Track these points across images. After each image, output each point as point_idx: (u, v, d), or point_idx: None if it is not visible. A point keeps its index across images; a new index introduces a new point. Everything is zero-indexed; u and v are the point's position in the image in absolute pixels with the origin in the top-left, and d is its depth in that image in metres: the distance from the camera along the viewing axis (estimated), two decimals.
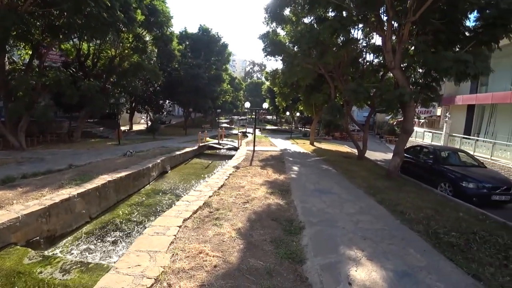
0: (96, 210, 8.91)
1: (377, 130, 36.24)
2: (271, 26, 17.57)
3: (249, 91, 67.73)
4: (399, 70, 8.92)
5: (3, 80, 14.27)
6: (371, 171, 11.45)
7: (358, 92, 9.30)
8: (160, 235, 5.16)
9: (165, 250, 4.51)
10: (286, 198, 7.32)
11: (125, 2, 13.89)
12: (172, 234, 5.17)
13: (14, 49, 16.99)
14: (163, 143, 21.62)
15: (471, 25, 8.89)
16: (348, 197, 7.26)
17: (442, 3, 8.18)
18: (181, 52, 33.57)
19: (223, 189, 8.42)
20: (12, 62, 17.18)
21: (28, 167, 11.23)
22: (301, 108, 26.48)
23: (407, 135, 9.82)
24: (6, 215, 6.15)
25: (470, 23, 9.08)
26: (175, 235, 5.14)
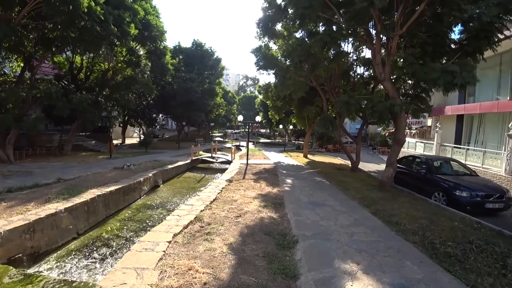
0: (84, 226, 8.60)
1: (369, 142, 36.60)
2: (263, 41, 17.94)
3: (242, 105, 68.24)
4: (389, 82, 9.08)
5: None
6: (365, 182, 11.42)
7: (350, 104, 9.41)
8: (148, 251, 4.95)
9: (153, 267, 4.31)
10: (280, 211, 7.18)
11: (118, 16, 13.99)
12: (161, 250, 4.97)
13: (6, 61, 16.85)
14: (156, 156, 21.35)
15: (456, 37, 9.21)
16: (342, 209, 7.16)
17: (427, 17, 8.45)
18: (175, 66, 33.79)
19: (215, 203, 8.24)
20: (3, 74, 16.99)
21: (14, 181, 10.88)
22: (294, 121, 26.67)
23: (399, 145, 9.89)
24: None
25: (455, 36, 9.41)
26: (164, 251, 4.94)
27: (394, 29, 8.45)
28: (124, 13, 14.64)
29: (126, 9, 15.23)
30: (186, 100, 30.94)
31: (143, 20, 17.79)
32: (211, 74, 36.38)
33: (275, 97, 23.90)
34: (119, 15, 14.11)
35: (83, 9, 11.37)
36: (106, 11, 12.93)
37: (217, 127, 62.07)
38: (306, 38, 12.49)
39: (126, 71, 20.72)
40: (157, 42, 19.90)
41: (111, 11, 13.54)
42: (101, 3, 12.78)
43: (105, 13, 12.78)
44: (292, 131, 47.87)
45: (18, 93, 13.45)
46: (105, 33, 13.12)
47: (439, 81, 7.15)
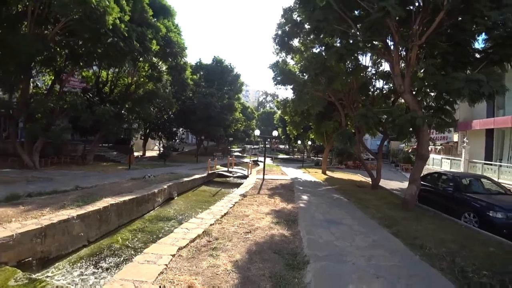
0: (96, 234, 8.60)
1: (392, 158, 35.08)
2: (280, 56, 18.01)
3: (261, 120, 68.51)
4: (409, 94, 8.60)
5: (25, 102, 14.95)
6: (386, 201, 10.70)
7: (368, 117, 8.96)
8: (150, 263, 4.76)
9: (152, 280, 4.08)
10: (292, 228, 6.77)
11: (141, 33, 14.66)
12: (164, 263, 4.76)
13: (39, 74, 18.01)
14: (173, 169, 21.55)
15: (481, 46, 8.66)
16: (360, 229, 6.63)
17: (448, 26, 8.03)
18: (196, 82, 34.81)
19: (226, 217, 7.97)
20: (36, 87, 18.11)
21: (36, 186, 11.29)
22: (312, 136, 26.19)
23: (423, 161, 9.21)
24: (0, 233, 5.93)
25: (479, 45, 8.86)
26: (167, 264, 4.72)
27: (412, 39, 8.08)
28: (147, 30, 15.32)
29: (149, 26, 15.97)
30: (206, 115, 31.49)
31: (165, 37, 18.55)
32: (231, 90, 37.01)
33: (293, 113, 23.72)
34: (142, 32, 14.79)
35: (108, 26, 11.97)
36: (130, 28, 13.60)
37: (236, 142, 62.56)
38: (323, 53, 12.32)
39: (148, 85, 21.48)
40: (178, 58, 20.62)
41: (135, 28, 14.24)
42: (125, 21, 13.45)
43: (129, 30, 13.44)
44: (311, 147, 47.06)
45: (46, 104, 14.19)
46: (128, 48, 13.74)
47: (463, 91, 6.63)
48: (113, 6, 11.88)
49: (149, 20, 16.37)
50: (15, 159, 16.46)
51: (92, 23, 11.34)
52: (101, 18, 11.29)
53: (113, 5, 11.92)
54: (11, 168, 15.95)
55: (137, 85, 21.33)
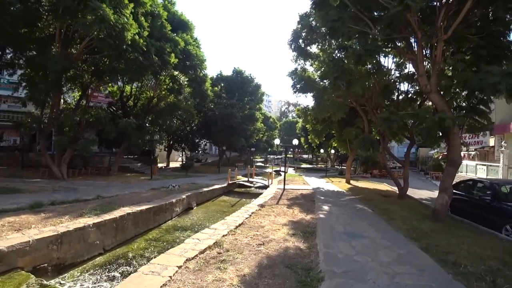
0: (112, 242, 8.68)
1: (421, 166, 32.98)
2: (299, 63, 17.74)
3: (284, 130, 68.03)
4: (436, 94, 7.88)
5: (54, 117, 15.86)
6: (414, 211, 9.78)
7: (392, 120, 8.26)
8: (154, 274, 4.58)
9: None
10: (309, 241, 6.29)
11: (160, 47, 15.15)
12: (168, 275, 4.56)
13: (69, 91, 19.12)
14: (194, 179, 21.70)
15: None
16: (383, 242, 5.99)
17: (477, 17, 7.31)
18: (216, 93, 35.43)
19: (241, 228, 7.65)
20: (65, 102, 19.21)
21: (60, 195, 11.72)
22: (335, 144, 25.35)
23: (455, 167, 8.31)
24: (18, 238, 6.10)
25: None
26: (171, 276, 4.51)
27: (437, 34, 7.43)
28: (165, 44, 15.81)
29: (168, 40, 16.50)
30: (227, 125, 31.78)
31: (184, 50, 19.06)
32: (251, 100, 37.17)
33: (314, 121, 23.19)
34: (161, 46, 15.30)
35: (127, 41, 12.45)
36: (149, 43, 14.10)
37: (258, 152, 62.43)
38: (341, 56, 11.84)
39: (169, 98, 22.07)
40: (197, 70, 21.07)
41: (154, 43, 14.75)
42: (144, 36, 13.96)
43: (147, 45, 13.94)
44: (335, 156, 45.73)
45: (72, 118, 14.94)
46: (148, 62, 14.22)
47: (500, 86, 5.89)
48: (132, 22, 12.38)
49: (167, 34, 16.95)
50: (46, 170, 17.40)
51: (112, 39, 11.87)
52: (120, 35, 11.79)
53: (132, 21, 12.43)
54: (42, 179, 16.90)
55: (159, 98, 22.00)
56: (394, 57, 13.60)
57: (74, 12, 11.83)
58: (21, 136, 20.79)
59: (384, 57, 13.45)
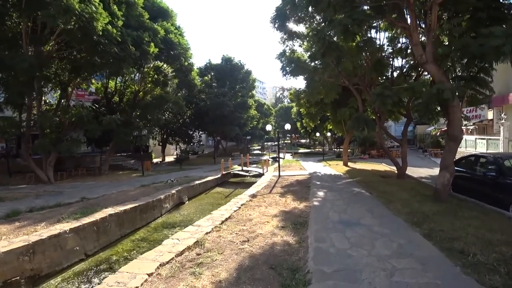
0: (94, 247, 8.27)
1: (419, 144, 32.49)
2: (287, 44, 16.84)
3: (279, 116, 67.09)
4: (432, 63, 7.12)
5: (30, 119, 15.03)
6: (414, 192, 9.18)
7: (385, 96, 7.54)
8: (120, 286, 4.04)
9: None
10: (299, 234, 5.71)
11: (137, 37, 14.19)
12: (135, 285, 4.03)
13: (51, 91, 18.17)
14: (188, 173, 21.14)
15: None
16: (382, 230, 5.40)
17: None
18: (207, 83, 34.39)
19: (227, 223, 7.08)
20: (46, 103, 18.29)
21: (42, 201, 11.20)
22: (330, 127, 24.69)
23: (456, 143, 7.66)
24: None
25: None
26: (138, 287, 3.92)
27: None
28: (143, 34, 14.82)
29: (146, 29, 15.51)
30: (219, 115, 31.00)
31: (165, 39, 18.00)
32: (243, 87, 36.20)
33: (307, 104, 22.45)
34: (138, 35, 14.34)
35: (98, 32, 11.55)
36: (124, 33, 13.18)
37: (255, 140, 61.75)
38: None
39: (155, 90, 21.15)
40: (182, 60, 20.01)
41: (130, 32, 13.80)
42: (119, 26, 13.00)
43: (122, 34, 12.98)
44: (332, 139, 45.15)
45: (51, 118, 14.12)
46: (124, 53, 13.28)
47: (504, 48, 5.17)
48: (101, 11, 11.45)
49: (146, 23, 15.92)
50: (32, 175, 16.73)
51: (81, 31, 10.99)
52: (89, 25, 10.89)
53: (101, 10, 11.47)
54: (28, 184, 16.24)
55: (145, 91, 21.08)
56: (386, 31, 12.72)
57: (37, 4, 10.89)
58: (5, 142, 19.98)
59: (376, 32, 12.61)
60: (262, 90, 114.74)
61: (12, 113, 15.83)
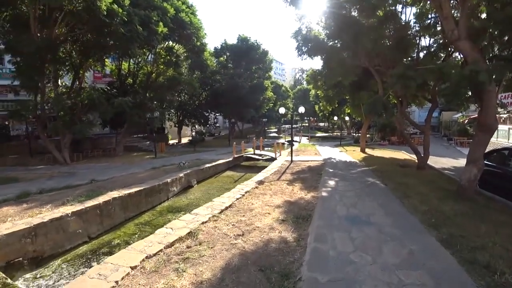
0: (97, 229, 8.35)
1: (444, 131, 30.45)
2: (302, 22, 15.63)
3: (297, 98, 65.20)
4: (466, 40, 6.07)
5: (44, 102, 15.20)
6: (435, 186, 8.35)
7: (407, 77, 6.53)
8: (101, 279, 3.90)
9: None
10: (300, 229, 5.23)
11: (145, 16, 13.63)
12: (115, 279, 3.85)
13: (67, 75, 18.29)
14: (200, 155, 21.03)
15: None
16: (393, 231, 4.80)
17: None
18: (222, 64, 33.56)
19: (227, 212, 6.72)
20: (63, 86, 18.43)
21: (53, 182, 11.43)
22: (348, 111, 23.49)
23: (488, 134, 6.68)
24: None
25: None
26: (117, 281, 3.74)
27: None
28: (152, 13, 14.24)
29: (155, 8, 14.88)
30: (234, 97, 30.39)
31: (176, 18, 17.31)
32: (259, 68, 35.05)
33: (325, 86, 21.29)
34: (146, 15, 13.77)
35: (103, 11, 11.14)
36: (131, 12, 12.68)
37: (272, 123, 60.82)
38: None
39: (168, 72, 20.78)
40: (193, 39, 19.28)
41: (138, 12, 13.26)
42: (125, 5, 12.50)
43: (129, 14, 12.49)
44: (352, 123, 43.47)
45: (62, 101, 14.18)
46: (131, 33, 12.83)
47: None
48: None
49: (154, 1, 15.26)
50: (50, 156, 17.21)
51: (85, 12, 10.63)
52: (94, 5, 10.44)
53: None
54: (45, 165, 16.76)
55: (158, 73, 20.76)
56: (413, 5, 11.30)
57: None
58: (26, 124, 20.63)
59: (402, 7, 11.25)
60: (281, 72, 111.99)
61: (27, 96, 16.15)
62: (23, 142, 20.64)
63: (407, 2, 10.99)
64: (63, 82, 18.66)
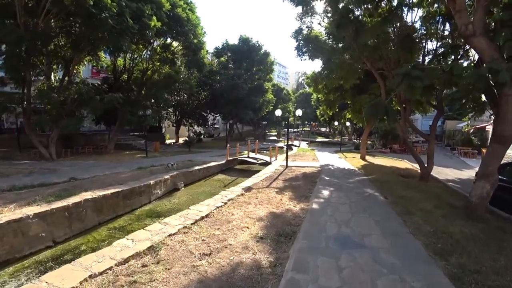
0: (65, 234, 7.60)
1: (447, 141, 29.54)
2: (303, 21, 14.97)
3: (299, 102, 64.46)
4: (482, 37, 5.25)
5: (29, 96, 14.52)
6: (440, 201, 7.49)
7: (414, 77, 5.68)
8: None
9: None
10: (279, 251, 4.40)
11: (137, 9, 12.92)
12: None
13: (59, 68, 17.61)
14: (194, 156, 20.24)
15: None
16: (390, 260, 3.95)
17: None
18: (223, 64, 32.88)
19: (201, 223, 5.92)
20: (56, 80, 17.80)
21: (30, 179, 10.76)
22: (349, 116, 22.68)
23: (504, 145, 5.80)
24: None
25: None
26: None
27: None
28: (145, 6, 13.53)
29: (148, 2, 14.16)
30: (233, 97, 29.67)
31: (172, 14, 16.61)
32: (260, 70, 34.32)
33: (325, 89, 20.53)
34: (138, 7, 13.06)
35: (89, 1, 10.44)
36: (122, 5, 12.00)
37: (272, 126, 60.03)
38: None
39: (164, 69, 20.07)
40: (190, 36, 18.55)
41: (129, 4, 12.55)
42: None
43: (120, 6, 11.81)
44: (353, 129, 42.61)
45: (49, 95, 13.49)
46: (120, 27, 12.12)
47: None
48: None
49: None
50: (37, 151, 16.51)
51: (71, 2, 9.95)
52: None
53: None
54: (31, 160, 16.02)
55: (153, 70, 20.06)
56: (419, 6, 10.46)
57: None
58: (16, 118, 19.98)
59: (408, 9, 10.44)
60: (285, 75, 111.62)
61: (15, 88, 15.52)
62: (15, 136, 20.00)
63: (413, 3, 10.18)
64: (56, 76, 18.01)
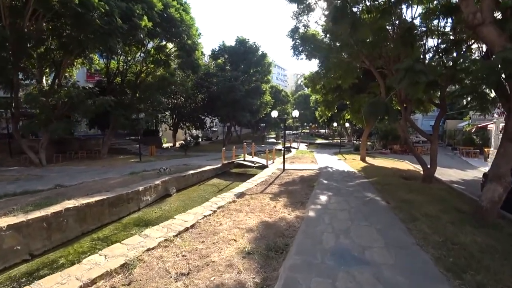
0: (43, 246, 7.08)
1: (448, 141, 29.05)
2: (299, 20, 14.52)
3: (298, 104, 64.03)
4: (491, 25, 4.78)
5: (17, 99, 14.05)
6: (446, 205, 6.94)
7: (417, 72, 5.19)
8: None
9: None
10: (268, 269, 3.86)
11: (127, 8, 12.46)
12: None
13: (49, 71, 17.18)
14: (190, 160, 19.74)
15: None
16: (395, 279, 3.42)
17: None
18: (220, 66, 32.47)
19: (185, 235, 5.40)
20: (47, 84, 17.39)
21: (14, 186, 10.32)
22: (348, 116, 22.19)
23: None
24: None
25: None
26: None
27: None
28: (135, 6, 13.09)
29: (139, 1, 13.73)
30: (230, 99, 29.20)
31: (165, 14, 16.17)
32: (257, 71, 33.90)
33: (323, 90, 20.08)
34: (128, 7, 12.62)
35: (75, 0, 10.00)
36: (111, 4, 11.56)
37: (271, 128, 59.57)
38: None
39: (158, 71, 19.61)
40: (183, 37, 18.09)
41: (119, 3, 12.11)
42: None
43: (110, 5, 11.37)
44: (352, 130, 42.11)
45: (37, 99, 13.03)
46: (109, 27, 11.66)
47: None
48: None
49: None
50: (27, 157, 16.00)
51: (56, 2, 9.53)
52: None
53: None
54: (21, 166, 15.51)
55: (147, 72, 19.60)
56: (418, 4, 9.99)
57: None
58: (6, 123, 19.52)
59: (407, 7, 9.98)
60: (283, 77, 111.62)
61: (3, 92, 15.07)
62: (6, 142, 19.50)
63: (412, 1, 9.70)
64: (48, 80, 17.55)
